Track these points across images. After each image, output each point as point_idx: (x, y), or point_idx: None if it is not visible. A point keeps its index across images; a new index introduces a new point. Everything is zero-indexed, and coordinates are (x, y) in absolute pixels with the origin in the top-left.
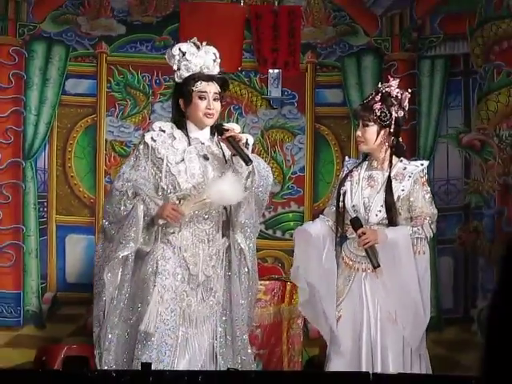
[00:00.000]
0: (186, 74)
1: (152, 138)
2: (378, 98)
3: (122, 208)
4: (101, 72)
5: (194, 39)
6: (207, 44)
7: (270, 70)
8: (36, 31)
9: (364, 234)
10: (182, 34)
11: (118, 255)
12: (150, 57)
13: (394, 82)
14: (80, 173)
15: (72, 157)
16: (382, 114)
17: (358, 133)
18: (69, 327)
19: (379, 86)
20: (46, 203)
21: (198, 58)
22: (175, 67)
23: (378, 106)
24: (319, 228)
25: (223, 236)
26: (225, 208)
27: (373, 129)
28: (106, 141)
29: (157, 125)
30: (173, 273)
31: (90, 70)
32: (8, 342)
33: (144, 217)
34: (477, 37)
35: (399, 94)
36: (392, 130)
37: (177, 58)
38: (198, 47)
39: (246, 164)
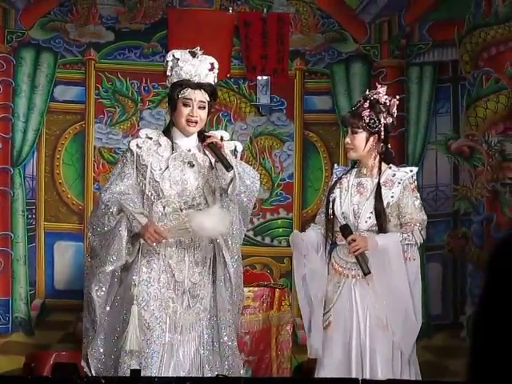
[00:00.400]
0: (174, 80)
1: (137, 145)
2: (366, 104)
3: (105, 222)
4: (89, 79)
5: (198, 48)
6: (206, 54)
7: (259, 77)
8: (24, 38)
9: (354, 240)
10: (170, 41)
11: (103, 270)
12: (138, 64)
13: (382, 89)
14: (68, 180)
15: (60, 164)
16: (371, 121)
17: (347, 140)
18: (58, 334)
19: (367, 92)
20: (34, 210)
21: (189, 65)
22: (168, 73)
23: (366, 112)
24: (314, 236)
25: (211, 242)
26: None
27: (362, 136)
28: (95, 148)
29: (143, 132)
30: (157, 280)
31: (78, 77)
32: None
33: (127, 233)
34: (465, 43)
35: (387, 101)
36: (381, 137)
37: (170, 63)
38: (194, 55)
39: (227, 170)
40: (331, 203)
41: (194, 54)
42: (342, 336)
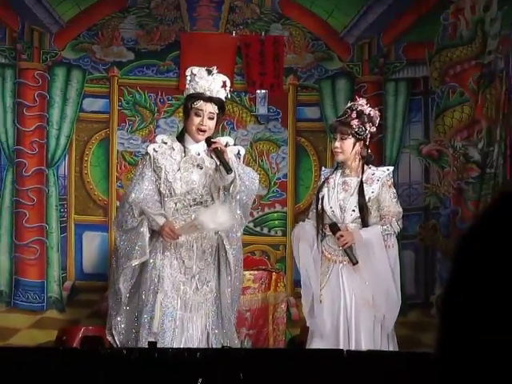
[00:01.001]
0: (190, 93)
1: (154, 149)
2: (354, 115)
3: (128, 221)
4: (113, 92)
5: (215, 68)
6: (220, 72)
7: (258, 91)
8: (57, 58)
9: (342, 236)
10: (182, 60)
11: (130, 264)
12: (155, 79)
13: (362, 101)
14: (95, 179)
15: (88, 165)
16: (360, 129)
17: (337, 144)
18: (85, 311)
19: (351, 104)
20: (65, 205)
21: (204, 81)
22: (186, 86)
23: (355, 122)
24: (310, 228)
25: (216, 233)
26: None
27: (350, 141)
28: (118, 151)
29: (160, 137)
30: (170, 265)
31: (103, 91)
32: (33, 324)
33: (149, 232)
34: (434, 62)
35: (371, 112)
36: (366, 143)
37: (188, 78)
38: (209, 72)
39: (227, 172)
40: (320, 200)
41: (209, 72)
42: (331, 312)
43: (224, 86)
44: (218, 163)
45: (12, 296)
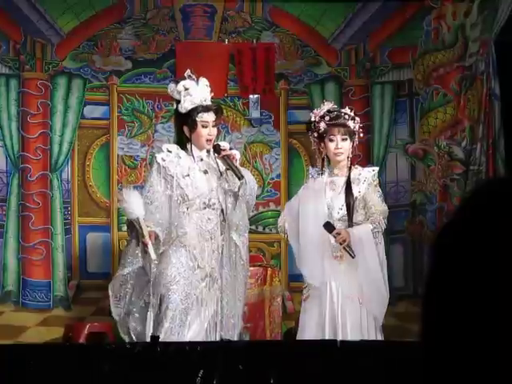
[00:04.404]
0: (190, 107)
1: (162, 159)
2: (347, 116)
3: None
4: (112, 100)
5: (188, 72)
6: (200, 76)
7: (251, 96)
8: (59, 67)
9: (339, 234)
10: (178, 68)
11: (121, 272)
12: (152, 86)
13: (333, 104)
14: (97, 182)
15: (90, 169)
16: (354, 130)
17: (341, 146)
18: (90, 308)
19: (330, 108)
20: (69, 208)
21: (198, 92)
22: (182, 101)
23: (351, 123)
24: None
25: (221, 234)
26: (222, 211)
27: (348, 142)
28: (118, 156)
29: (165, 146)
30: (186, 264)
31: (103, 98)
32: (41, 322)
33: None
34: (418, 65)
35: (353, 113)
36: (355, 143)
37: (182, 93)
38: (195, 81)
39: (239, 179)
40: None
41: (194, 79)
42: (318, 306)
43: (210, 90)
44: (225, 169)
45: (20, 295)
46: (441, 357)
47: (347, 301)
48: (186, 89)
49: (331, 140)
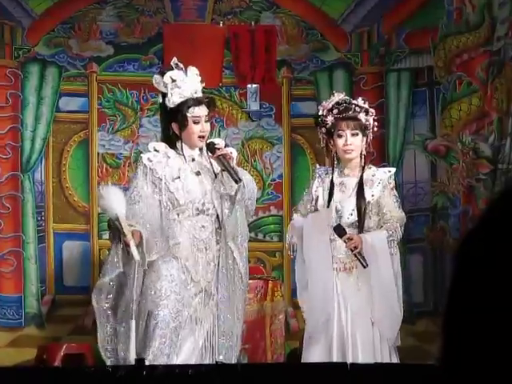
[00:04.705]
0: (178, 101)
1: (149, 159)
2: (358, 109)
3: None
4: (91, 90)
5: (175, 60)
6: (189, 65)
7: (249, 85)
8: (30, 54)
9: (351, 239)
10: (166, 54)
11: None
12: (137, 75)
13: (343, 95)
14: (74, 184)
15: (67, 169)
16: (368, 124)
17: (350, 142)
18: (67, 327)
19: (340, 99)
20: (43, 212)
21: (187, 84)
22: (169, 94)
23: (363, 115)
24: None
25: (217, 243)
26: (217, 217)
27: (360, 137)
28: (98, 154)
29: (151, 145)
30: (177, 278)
31: (81, 89)
32: (11, 342)
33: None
34: (439, 50)
35: (366, 105)
36: (369, 138)
37: (169, 86)
38: (183, 71)
39: (236, 183)
40: (314, 201)
41: (182, 69)
42: (325, 325)
43: (200, 80)
44: (220, 170)
45: None
46: (463, 380)
47: (357, 318)
48: (174, 80)
49: (340, 136)
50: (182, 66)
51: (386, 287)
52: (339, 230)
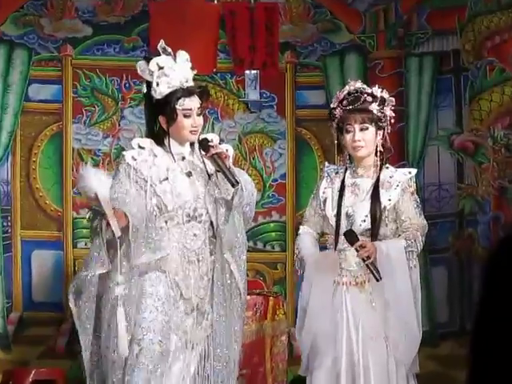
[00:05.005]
0: (166, 91)
1: (133, 158)
2: (369, 98)
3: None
4: (66, 76)
5: (162, 43)
6: (178, 49)
7: (247, 71)
8: None
9: (363, 247)
10: (151, 35)
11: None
12: (118, 59)
13: (360, 83)
14: (46, 184)
15: (37, 167)
16: (381, 115)
17: (358, 137)
18: (37, 349)
19: (352, 88)
20: (9, 217)
21: (176, 71)
22: (154, 84)
23: (374, 106)
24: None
25: (211, 254)
26: (211, 224)
27: (372, 131)
28: (73, 149)
29: (135, 142)
30: (165, 295)
31: (54, 75)
32: None
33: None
34: (467, 32)
35: (384, 94)
36: (385, 132)
37: (156, 74)
38: (172, 56)
39: (233, 186)
40: (322, 204)
41: (170, 54)
42: (333, 347)
43: (191, 66)
44: (215, 170)
45: None
46: None
47: (369, 340)
48: (161, 67)
49: (348, 131)
50: (170, 50)
51: (403, 304)
52: (351, 237)
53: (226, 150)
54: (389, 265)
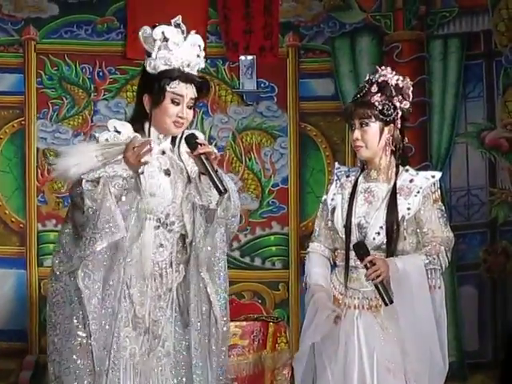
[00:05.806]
0: (161, 67)
1: (107, 140)
2: (374, 88)
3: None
4: (29, 64)
5: (179, 19)
6: (195, 32)
7: (242, 57)
8: None
9: (373, 264)
10: (130, 15)
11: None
12: (90, 43)
13: (387, 70)
14: (5, 191)
15: None
16: (385, 107)
17: (356, 135)
18: None
19: (370, 76)
20: None
21: (181, 50)
22: (153, 55)
23: (377, 97)
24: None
25: (176, 271)
26: (182, 236)
27: (375, 127)
28: (38, 150)
29: (112, 123)
30: (112, 309)
31: (15, 62)
32: None
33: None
34: (500, 9)
35: (400, 82)
36: (397, 127)
37: (157, 44)
38: (183, 33)
39: (220, 194)
40: (330, 213)
41: (183, 32)
42: (342, 381)
43: (199, 53)
44: (199, 173)
45: None
46: None
47: (386, 374)
48: (166, 39)
49: (351, 128)
50: (184, 28)
51: (424, 331)
52: (361, 249)
53: (217, 153)
54: (405, 285)
